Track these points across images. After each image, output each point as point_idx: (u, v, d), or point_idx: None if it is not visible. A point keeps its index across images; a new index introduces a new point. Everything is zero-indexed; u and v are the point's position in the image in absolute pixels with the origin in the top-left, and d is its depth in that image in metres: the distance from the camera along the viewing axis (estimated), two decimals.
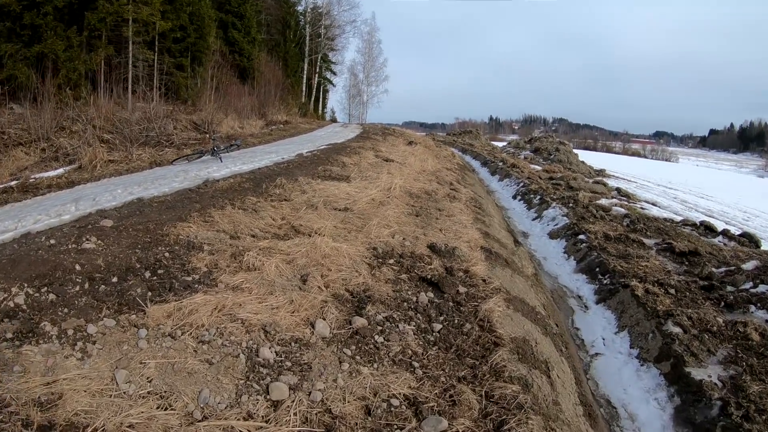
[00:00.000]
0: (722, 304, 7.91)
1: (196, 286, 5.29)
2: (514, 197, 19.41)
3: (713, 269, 9.59)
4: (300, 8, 49.06)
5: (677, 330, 6.90)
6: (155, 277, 5.34)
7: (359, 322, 5.07)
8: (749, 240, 13.19)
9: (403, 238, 7.91)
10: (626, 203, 17.18)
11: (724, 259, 10.46)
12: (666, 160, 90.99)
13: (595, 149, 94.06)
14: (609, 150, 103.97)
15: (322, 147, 18.05)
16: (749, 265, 9.23)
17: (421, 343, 4.97)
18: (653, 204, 20.29)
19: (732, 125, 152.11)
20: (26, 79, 16.35)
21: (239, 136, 22.72)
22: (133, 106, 20.48)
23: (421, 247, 7.69)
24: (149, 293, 4.95)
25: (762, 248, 12.61)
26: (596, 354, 7.30)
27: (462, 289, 6.33)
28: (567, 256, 11.30)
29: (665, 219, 15.12)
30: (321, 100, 55.65)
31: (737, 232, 14.20)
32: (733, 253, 10.94)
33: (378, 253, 7.06)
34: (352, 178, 11.81)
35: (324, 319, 5.01)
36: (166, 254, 5.87)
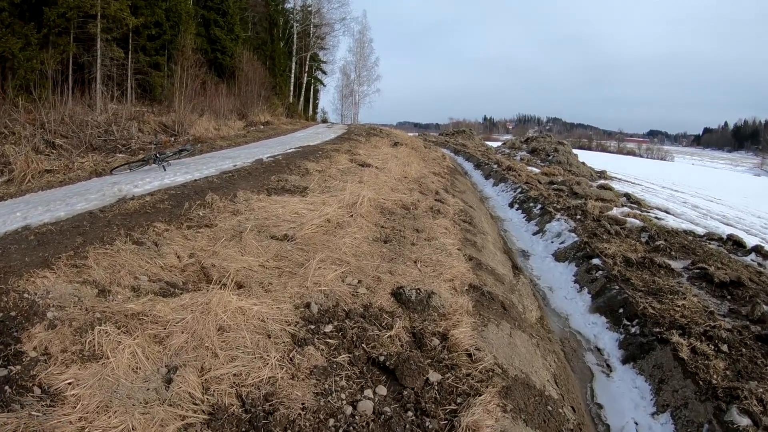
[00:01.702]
0: None
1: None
2: (511, 205, 17.07)
3: (765, 306, 7.47)
4: (289, 5, 47.75)
5: (745, 422, 4.72)
6: None
7: None
8: None
9: (358, 282, 5.73)
10: (639, 212, 15.00)
11: None
12: (661, 159, 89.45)
13: (590, 148, 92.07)
14: (604, 149, 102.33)
15: (291, 150, 15.88)
16: None
17: None
18: (666, 211, 18.16)
19: (726, 123, 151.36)
20: None
21: (212, 138, 21.33)
22: (104, 107, 18.57)
23: (382, 295, 5.50)
24: None
25: None
26: None
27: (434, 378, 4.11)
28: (579, 287, 9.06)
29: (686, 232, 13.00)
30: (312, 100, 54.65)
31: (758, 243, 12.15)
32: None
33: (311, 314, 4.86)
34: (311, 190, 9.62)
35: None
36: None
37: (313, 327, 4.66)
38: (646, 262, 9.38)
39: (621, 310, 7.50)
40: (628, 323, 7.14)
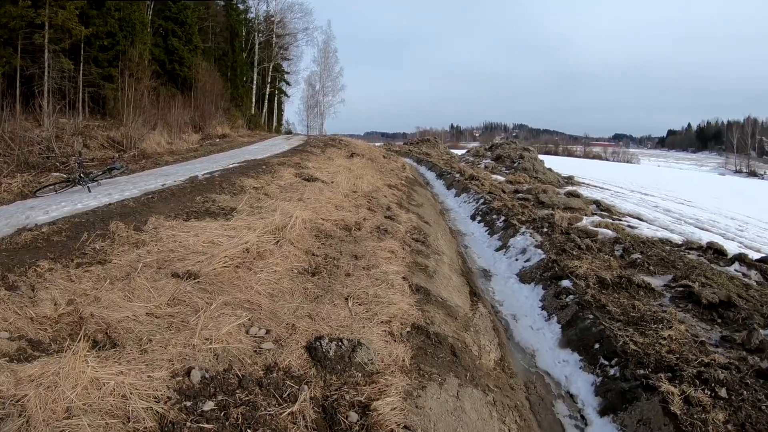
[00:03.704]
0: None
1: None
2: (473, 217, 15.91)
3: (761, 332, 6.43)
4: (251, 15, 46.76)
5: None
6: None
7: None
8: None
9: (266, 333, 4.53)
10: (611, 221, 13.94)
11: (764, 308, 7.43)
12: (627, 162, 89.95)
13: (556, 153, 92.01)
14: (570, 154, 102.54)
15: (233, 165, 14.55)
16: None
17: None
18: (638, 218, 17.22)
19: (689, 125, 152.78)
20: None
21: (161, 153, 20.07)
22: (53, 122, 17.08)
23: (293, 350, 4.30)
24: None
25: None
26: None
27: None
28: (547, 315, 7.88)
29: (662, 241, 11.99)
30: (276, 111, 53.52)
31: (739, 251, 11.34)
32: None
33: (190, 385, 3.66)
34: (238, 211, 8.37)
35: None
36: None
37: (189, 404, 3.47)
38: (622, 281, 8.29)
39: (597, 346, 6.36)
40: (606, 363, 6.00)
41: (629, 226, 13.88)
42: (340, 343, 4.38)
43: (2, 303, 4.62)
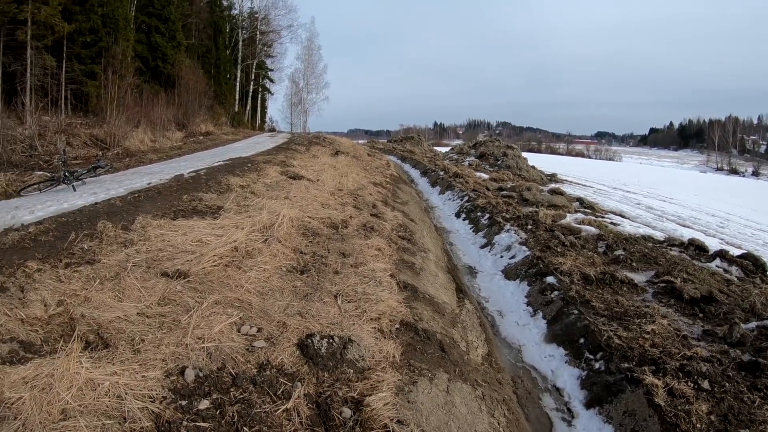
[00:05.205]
0: None
1: None
2: (458, 215, 16.00)
3: (742, 326, 6.57)
4: (235, 11, 46.57)
5: None
6: None
7: None
8: (753, 264, 10.20)
9: (258, 331, 4.55)
10: (594, 218, 14.05)
11: (745, 303, 7.53)
12: (610, 159, 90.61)
13: (539, 151, 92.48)
14: (553, 151, 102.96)
15: (218, 164, 14.46)
16: None
17: None
18: (621, 215, 17.40)
19: (671, 123, 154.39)
20: None
21: (145, 151, 19.98)
22: (36, 120, 16.87)
23: (285, 347, 4.33)
24: None
25: None
26: None
27: None
28: (533, 311, 7.98)
29: (644, 237, 12.12)
30: (259, 108, 53.43)
31: (722, 248, 11.47)
32: (761, 294, 7.92)
33: (185, 384, 3.68)
34: (225, 210, 8.35)
35: None
36: None
37: (185, 403, 3.49)
38: (606, 277, 8.41)
39: (582, 340, 6.46)
40: (591, 357, 6.10)
41: (612, 223, 14.02)
42: (331, 340, 4.42)
43: None
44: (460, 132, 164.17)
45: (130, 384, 3.49)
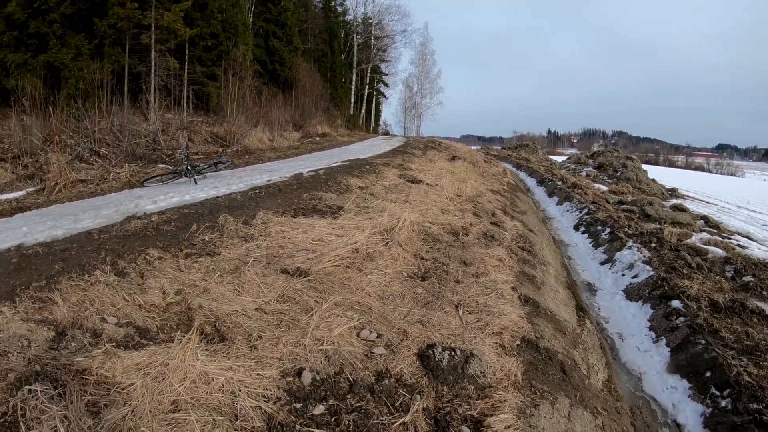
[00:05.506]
0: None
1: None
2: (577, 228, 15.26)
3: None
4: (349, 17, 47.50)
5: None
6: None
7: None
8: None
9: (377, 337, 4.42)
10: (719, 239, 12.87)
11: None
12: (731, 175, 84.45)
13: (657, 163, 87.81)
14: (671, 164, 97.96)
15: (336, 164, 14.64)
16: None
17: None
18: (747, 237, 15.85)
19: None
20: (33, 90, 14.22)
21: (263, 149, 20.58)
22: (159, 117, 18.10)
23: (404, 356, 4.18)
24: None
25: None
26: None
27: None
28: (655, 337, 7.34)
29: None
30: (374, 112, 54.11)
31: None
32: None
33: (300, 386, 3.61)
34: (345, 210, 8.35)
35: None
36: None
37: (299, 406, 3.41)
38: (735, 306, 7.59)
39: (708, 374, 5.86)
40: (717, 393, 5.51)
41: (739, 245, 12.80)
42: (453, 353, 4.23)
43: (111, 288, 4.76)
44: (575, 141, 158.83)
45: (245, 381, 3.47)
